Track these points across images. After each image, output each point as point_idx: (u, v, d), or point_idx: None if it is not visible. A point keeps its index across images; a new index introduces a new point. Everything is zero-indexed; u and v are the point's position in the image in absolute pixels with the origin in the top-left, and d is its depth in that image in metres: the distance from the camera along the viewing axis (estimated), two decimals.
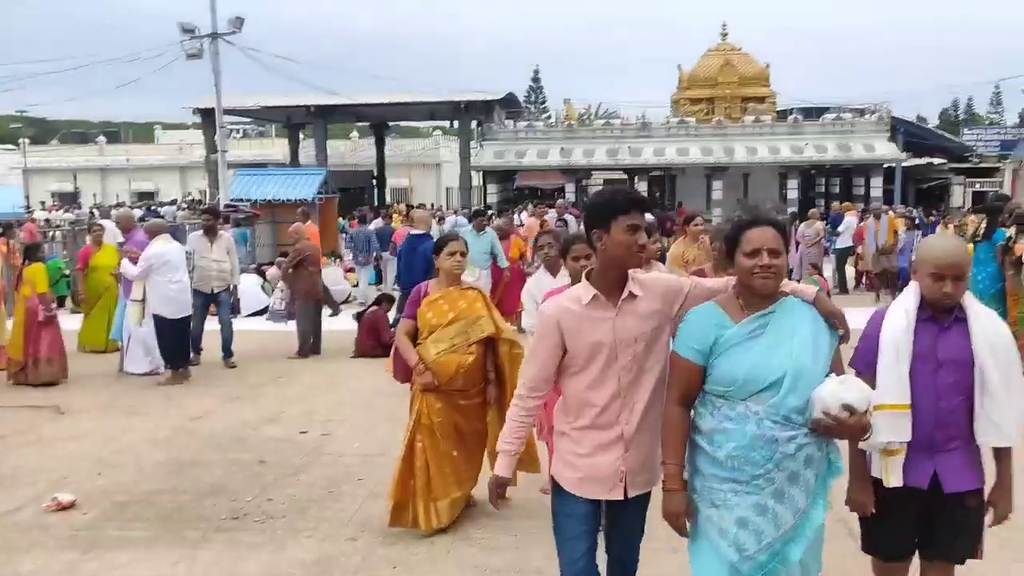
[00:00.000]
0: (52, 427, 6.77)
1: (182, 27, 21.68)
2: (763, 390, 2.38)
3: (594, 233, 2.61)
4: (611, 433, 2.64)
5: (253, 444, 6.14)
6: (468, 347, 4.27)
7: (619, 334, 2.59)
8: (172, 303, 8.15)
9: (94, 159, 49.91)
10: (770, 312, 2.44)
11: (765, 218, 2.48)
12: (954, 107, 77.60)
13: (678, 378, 2.55)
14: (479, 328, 4.31)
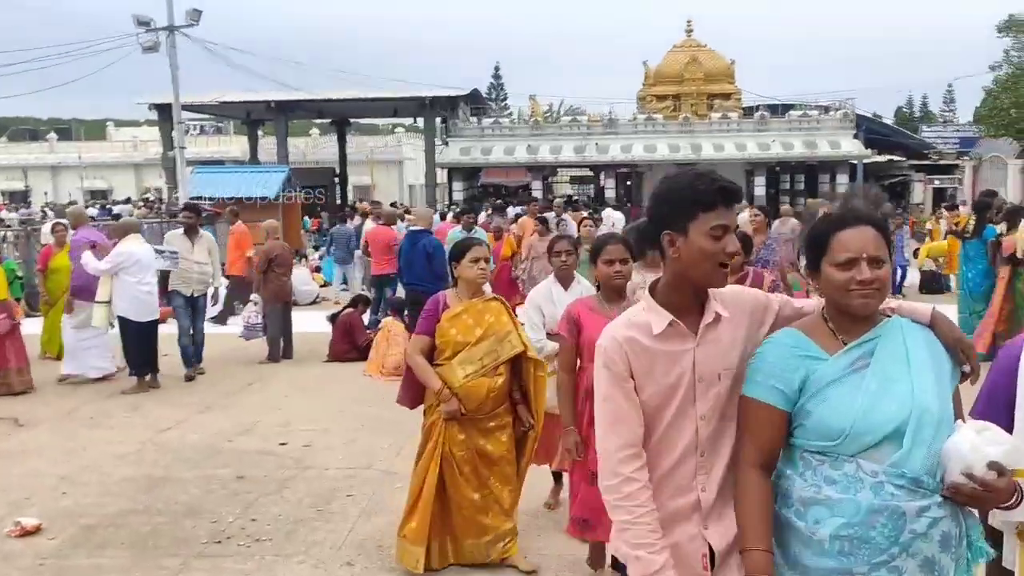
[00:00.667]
0: (10, 441, 6.32)
1: (137, 19, 20.92)
2: (880, 443, 1.76)
3: (665, 236, 1.92)
4: (684, 501, 1.97)
5: (230, 458, 5.77)
6: (496, 368, 3.75)
7: (701, 370, 1.94)
8: (140, 305, 7.72)
9: (44, 156, 48.34)
10: (874, 338, 1.84)
11: (863, 215, 1.86)
12: (909, 105, 79.26)
13: (756, 430, 1.88)
14: (509, 345, 3.77)
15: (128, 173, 48.97)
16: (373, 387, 7.97)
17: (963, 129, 36.55)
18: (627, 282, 3.51)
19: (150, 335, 7.88)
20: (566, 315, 3.55)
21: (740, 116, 30.02)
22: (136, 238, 7.98)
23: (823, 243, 1.86)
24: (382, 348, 8.57)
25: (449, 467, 3.81)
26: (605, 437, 1.97)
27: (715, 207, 1.87)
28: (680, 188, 1.92)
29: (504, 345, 3.76)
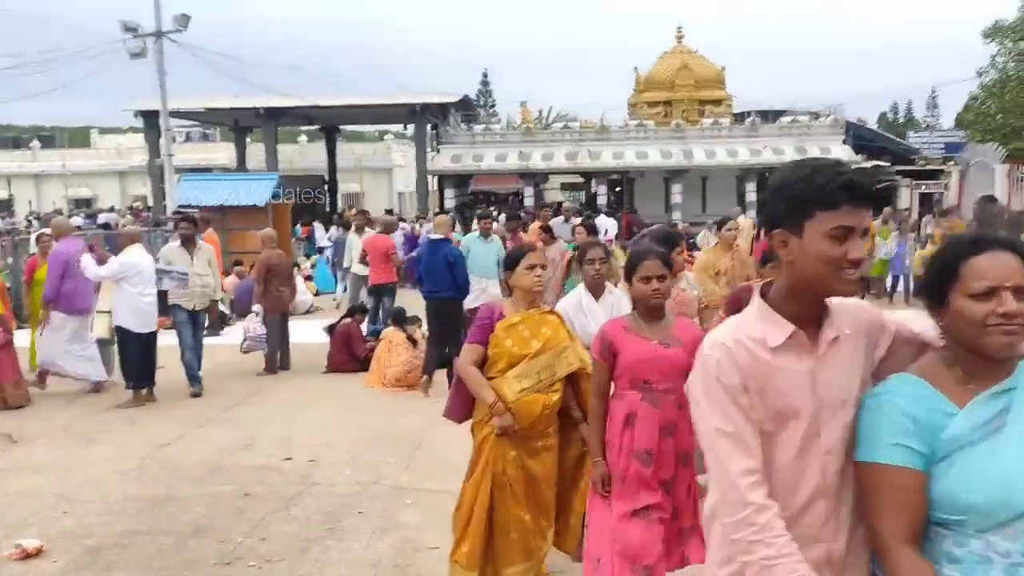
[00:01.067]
0: (4, 458, 6.13)
1: (124, 25, 20.70)
2: (1018, 519, 1.49)
3: (776, 234, 1.69)
4: (813, 552, 1.65)
5: (233, 474, 5.62)
6: (552, 384, 3.52)
7: (824, 394, 1.67)
8: (141, 316, 7.57)
9: (27, 164, 47.83)
10: (1012, 388, 1.56)
11: (1002, 239, 1.60)
12: (894, 111, 80.00)
13: (897, 502, 1.56)
14: (565, 361, 3.54)
15: (113, 181, 48.54)
16: (375, 399, 7.84)
17: (949, 135, 36.77)
18: (666, 300, 3.29)
19: (149, 347, 7.71)
20: (600, 336, 3.24)
21: (731, 122, 30.08)
22: (139, 248, 7.82)
23: (954, 269, 1.59)
24: (383, 359, 8.44)
25: (500, 487, 3.56)
26: (725, 463, 1.66)
27: (837, 205, 1.59)
28: (795, 181, 1.65)
29: (561, 361, 3.54)
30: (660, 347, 3.12)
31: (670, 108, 31.22)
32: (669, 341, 3.13)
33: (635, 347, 3.13)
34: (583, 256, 4.25)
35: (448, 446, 6.13)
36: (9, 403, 7.56)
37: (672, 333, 3.17)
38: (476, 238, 9.49)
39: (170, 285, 7.93)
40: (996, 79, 29.30)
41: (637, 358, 3.12)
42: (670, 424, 3.09)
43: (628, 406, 3.14)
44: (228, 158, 43.65)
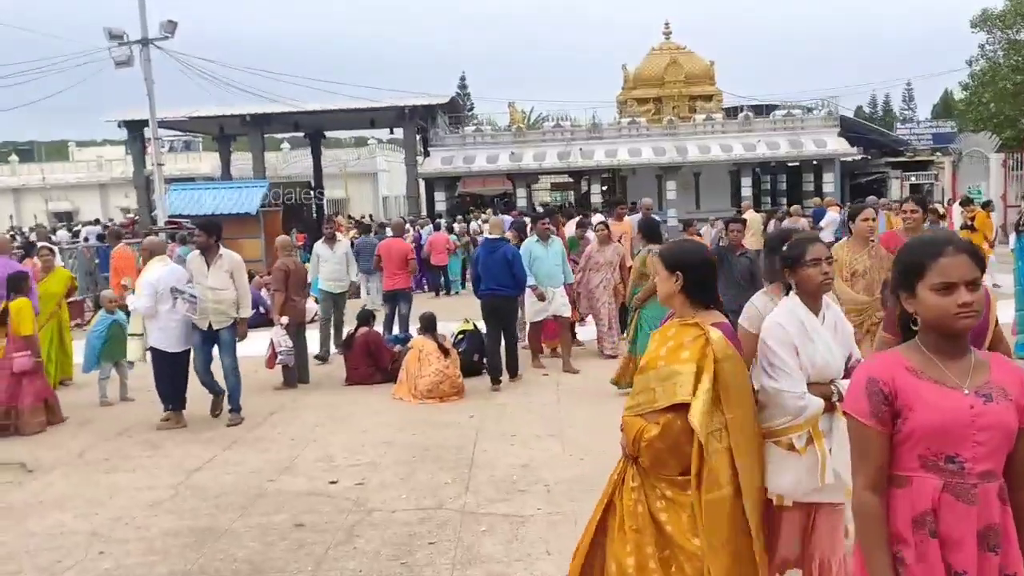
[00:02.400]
0: (21, 492, 5.63)
1: (109, 33, 20.09)
2: None
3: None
4: None
5: (279, 501, 5.17)
6: (653, 413, 2.78)
7: None
8: (172, 335, 7.08)
9: (6, 179, 46.87)
10: None
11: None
12: (872, 104, 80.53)
13: None
14: (667, 390, 2.76)
15: (94, 193, 47.66)
16: (409, 413, 7.41)
17: (937, 126, 36.85)
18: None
19: (183, 366, 7.23)
20: (866, 381, 2.05)
21: (724, 117, 29.90)
22: (163, 259, 7.35)
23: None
24: (412, 369, 7.99)
25: (612, 514, 2.94)
26: None
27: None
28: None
29: (663, 386, 2.77)
30: (978, 400, 1.99)
31: (660, 105, 31.05)
32: (990, 390, 2.00)
33: (937, 400, 1.99)
34: (800, 255, 3.02)
35: (504, 463, 5.74)
36: (26, 429, 7.11)
37: (990, 377, 2.03)
38: (535, 242, 8.83)
39: (183, 308, 7.34)
40: (987, 68, 29.34)
41: (943, 420, 1.97)
42: (992, 530, 1.99)
43: (920, 499, 2.01)
44: (211, 167, 42.98)
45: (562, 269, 8.88)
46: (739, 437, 2.79)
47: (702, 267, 2.85)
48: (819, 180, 29.04)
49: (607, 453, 5.88)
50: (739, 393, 2.81)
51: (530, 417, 7.03)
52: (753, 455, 2.86)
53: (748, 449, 2.83)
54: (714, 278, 2.90)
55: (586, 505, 4.80)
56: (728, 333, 2.80)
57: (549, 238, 8.87)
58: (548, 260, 8.73)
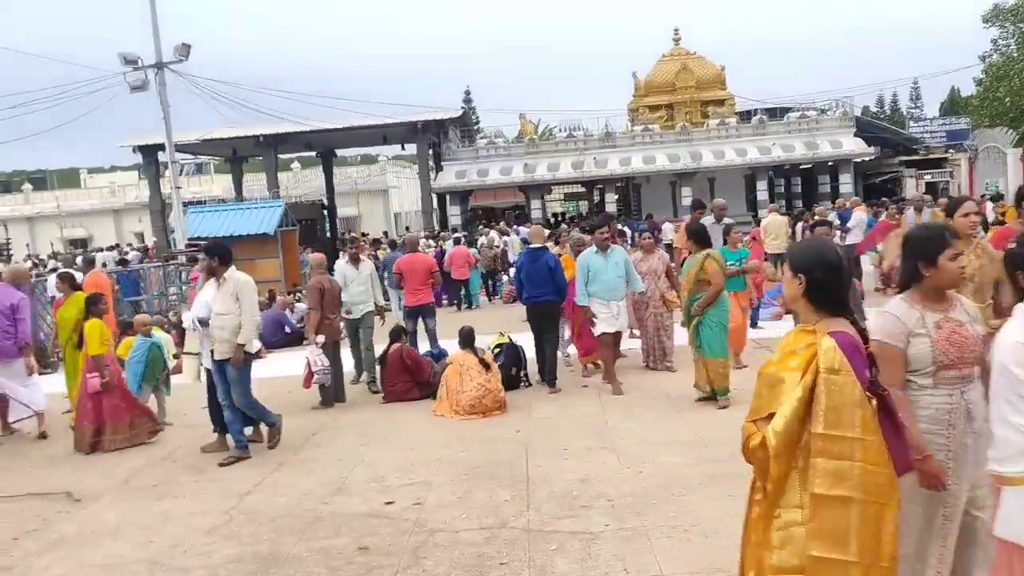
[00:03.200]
0: (71, 521, 5.54)
1: (124, 58, 20.20)
2: None
3: None
4: None
5: (337, 524, 5.06)
6: (761, 420, 2.66)
7: None
8: None
9: (20, 208, 47.24)
10: None
11: None
12: (879, 104, 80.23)
13: None
14: (771, 397, 2.64)
15: (107, 219, 48.00)
16: (454, 429, 7.29)
17: (953, 123, 36.58)
18: None
19: None
20: None
21: (738, 121, 29.78)
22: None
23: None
24: (453, 384, 7.88)
25: None
26: None
27: None
28: None
29: (770, 394, 2.63)
30: None
31: (672, 111, 30.95)
32: None
33: None
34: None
35: (561, 478, 5.62)
36: (107, 447, 7.28)
37: None
38: (594, 254, 8.19)
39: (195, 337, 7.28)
40: (1001, 63, 29.10)
41: None
42: None
43: None
44: (223, 189, 43.17)
45: (626, 280, 8.25)
46: (826, 460, 2.52)
47: (827, 270, 2.68)
48: (835, 181, 28.83)
49: (665, 465, 5.79)
50: (839, 412, 2.53)
51: (577, 430, 6.90)
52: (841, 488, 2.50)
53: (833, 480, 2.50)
54: (841, 283, 2.70)
55: (655, 520, 4.71)
56: (845, 344, 2.58)
57: (609, 248, 8.20)
58: (609, 272, 8.07)
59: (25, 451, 7.63)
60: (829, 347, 2.58)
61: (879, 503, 2.53)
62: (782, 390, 2.62)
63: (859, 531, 2.51)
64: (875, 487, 2.53)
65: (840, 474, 2.53)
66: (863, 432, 2.54)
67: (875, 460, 2.54)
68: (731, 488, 5.10)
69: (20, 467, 7.08)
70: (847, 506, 2.52)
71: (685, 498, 5.02)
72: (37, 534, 5.32)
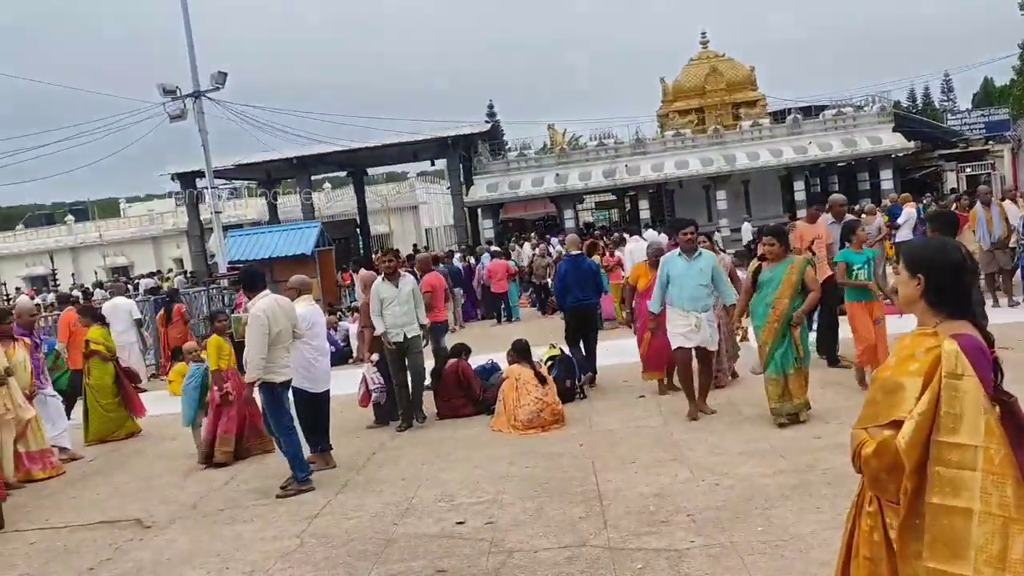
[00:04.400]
0: (145, 549, 5.53)
1: (163, 88, 20.57)
2: None
3: None
4: None
5: (412, 546, 4.98)
6: (875, 428, 2.50)
7: None
8: (315, 374, 7.03)
9: (64, 239, 48.35)
10: None
11: None
12: (911, 98, 78.93)
13: None
14: (889, 404, 2.46)
15: (147, 246, 48.94)
16: (515, 444, 7.19)
17: (993, 114, 35.81)
18: None
19: (326, 405, 7.23)
20: None
21: (772, 122, 29.44)
22: (307, 299, 7.31)
23: None
24: (510, 399, 7.79)
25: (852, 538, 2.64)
26: None
27: None
28: None
29: (888, 401, 2.47)
30: None
31: (703, 115, 30.69)
32: None
33: None
34: None
35: (634, 492, 5.49)
36: (217, 457, 7.50)
37: None
38: (677, 256, 7.40)
39: None
40: None
41: None
42: None
43: None
44: (257, 212, 43.73)
45: (711, 290, 7.35)
46: (945, 469, 2.37)
47: (949, 270, 2.52)
48: (875, 178, 28.32)
49: (743, 477, 5.63)
50: (958, 418, 2.37)
51: (643, 442, 6.77)
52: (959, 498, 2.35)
53: (951, 489, 2.35)
54: (964, 284, 2.53)
55: (743, 535, 4.56)
56: (969, 348, 2.41)
57: (696, 251, 7.39)
58: (691, 279, 7.25)
59: (87, 480, 7.69)
60: (952, 351, 2.41)
61: (1004, 517, 2.35)
62: (903, 396, 2.45)
63: (981, 544, 2.35)
64: (1000, 499, 2.35)
65: (959, 484, 2.37)
66: (986, 440, 2.37)
67: (999, 470, 2.37)
68: (816, 500, 4.96)
69: (86, 496, 7.12)
70: (967, 518, 2.35)
71: (771, 511, 4.86)
72: (112, 564, 5.32)
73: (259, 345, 6.34)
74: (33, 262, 46.01)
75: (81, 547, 5.70)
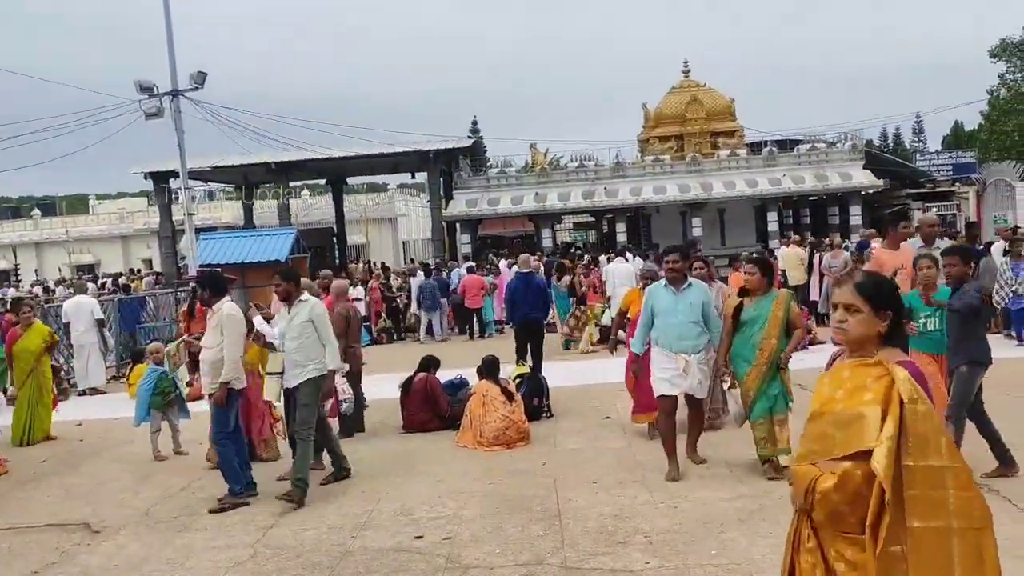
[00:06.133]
0: (94, 555, 5.40)
1: (140, 85, 20.33)
2: None
3: None
4: None
5: (367, 560, 4.92)
6: (829, 462, 2.52)
7: None
8: None
9: (29, 233, 47.47)
10: None
11: None
12: (882, 137, 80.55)
13: None
14: (849, 436, 2.50)
15: (115, 245, 48.17)
16: (479, 461, 7.15)
17: (960, 156, 36.66)
18: None
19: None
20: None
21: (748, 153, 29.87)
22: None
23: None
24: (477, 415, 7.76)
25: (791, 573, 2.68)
26: None
27: None
28: None
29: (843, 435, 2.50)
30: None
31: (682, 142, 31.03)
32: None
33: None
34: None
35: (594, 512, 5.48)
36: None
37: None
38: (663, 287, 6.40)
39: None
40: (1009, 97, 29.25)
41: None
42: None
43: None
44: (232, 216, 43.33)
45: (703, 327, 6.28)
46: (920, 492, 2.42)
47: (901, 303, 2.63)
48: (844, 213, 28.80)
49: (699, 500, 5.64)
50: (924, 441, 2.44)
51: (606, 462, 6.76)
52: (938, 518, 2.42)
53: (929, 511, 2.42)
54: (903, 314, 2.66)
55: (696, 558, 4.56)
56: (916, 374, 2.51)
57: (685, 282, 6.38)
58: (679, 314, 6.21)
59: (38, 481, 7.51)
60: (905, 377, 2.49)
61: (976, 528, 2.44)
62: (864, 425, 2.47)
63: (962, 559, 2.42)
64: (970, 512, 2.44)
65: (936, 504, 2.43)
66: (950, 459, 2.46)
67: (965, 485, 2.46)
68: (770, 525, 4.98)
69: (36, 497, 6.95)
70: (947, 536, 2.43)
71: (725, 535, 4.87)
72: (57, 568, 5.19)
73: (237, 345, 6.32)
74: None
75: (26, 549, 5.56)
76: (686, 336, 6.19)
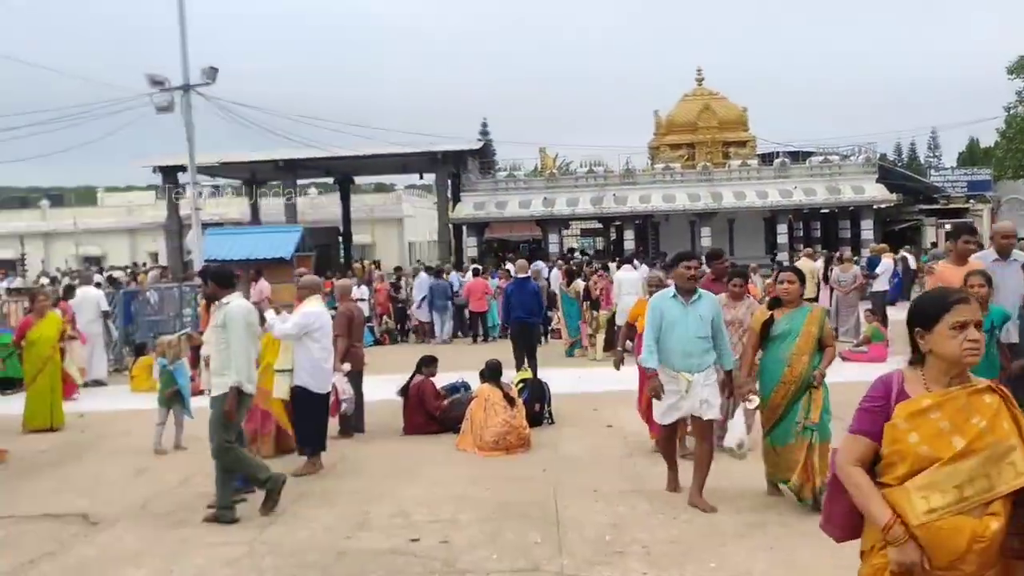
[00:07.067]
0: (90, 546, 5.38)
1: (151, 79, 20.34)
2: None
3: None
4: None
5: (362, 561, 4.88)
6: (988, 505, 2.35)
7: None
8: (321, 375, 7.00)
9: (37, 224, 47.60)
10: None
11: None
12: (897, 151, 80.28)
13: None
14: (1011, 471, 2.37)
15: (123, 238, 48.22)
16: (479, 465, 7.12)
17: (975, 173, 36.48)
18: None
19: (326, 408, 7.19)
20: None
21: (760, 164, 29.75)
22: (317, 299, 7.24)
23: None
24: (478, 419, 7.71)
25: None
26: None
27: None
28: None
29: (1003, 469, 2.35)
30: None
31: (693, 150, 30.91)
32: None
33: None
34: None
35: (592, 520, 5.44)
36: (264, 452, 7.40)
37: None
38: (671, 298, 5.78)
39: None
40: None
41: None
42: None
43: None
44: (239, 212, 43.32)
45: (710, 344, 5.70)
46: None
47: None
48: (856, 227, 28.64)
49: (701, 512, 5.57)
50: None
51: (606, 471, 6.71)
52: None
53: None
54: None
55: (694, 570, 4.51)
56: None
57: (695, 292, 5.77)
58: (687, 328, 5.63)
59: (38, 472, 7.49)
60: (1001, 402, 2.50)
61: None
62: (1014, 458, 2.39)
63: None
64: None
65: None
66: None
67: None
68: (770, 540, 4.93)
69: (34, 487, 6.94)
70: None
71: (725, 549, 4.82)
72: (53, 558, 5.17)
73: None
74: (2, 245, 45.18)
75: (22, 539, 5.54)
76: (692, 353, 5.61)
